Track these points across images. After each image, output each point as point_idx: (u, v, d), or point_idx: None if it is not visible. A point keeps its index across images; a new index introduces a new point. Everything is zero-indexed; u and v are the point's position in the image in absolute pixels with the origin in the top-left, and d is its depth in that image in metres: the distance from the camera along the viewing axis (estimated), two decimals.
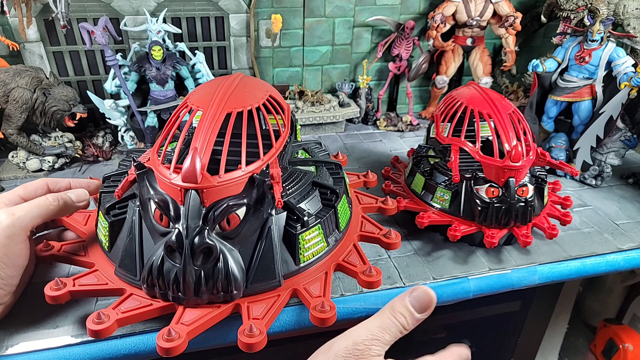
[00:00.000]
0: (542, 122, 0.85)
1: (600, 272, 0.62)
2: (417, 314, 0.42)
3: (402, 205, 0.63)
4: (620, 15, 0.84)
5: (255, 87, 0.51)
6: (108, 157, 0.88)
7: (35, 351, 0.46)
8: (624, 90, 0.72)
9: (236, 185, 0.43)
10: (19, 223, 0.46)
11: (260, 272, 0.45)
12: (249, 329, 0.40)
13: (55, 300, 0.44)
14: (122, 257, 0.46)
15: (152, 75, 0.81)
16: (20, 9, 0.76)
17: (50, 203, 0.49)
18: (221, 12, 0.92)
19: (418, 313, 0.42)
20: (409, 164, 0.71)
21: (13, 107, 0.76)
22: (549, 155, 0.62)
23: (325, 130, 1.02)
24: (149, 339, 0.47)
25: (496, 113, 0.59)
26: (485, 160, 0.58)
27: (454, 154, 0.61)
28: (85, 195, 0.54)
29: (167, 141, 0.47)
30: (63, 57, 0.90)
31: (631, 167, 0.86)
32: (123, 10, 0.87)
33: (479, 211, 0.58)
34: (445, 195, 0.61)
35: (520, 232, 0.58)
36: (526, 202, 0.58)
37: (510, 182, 0.57)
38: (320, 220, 0.49)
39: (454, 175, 0.59)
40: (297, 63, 1.04)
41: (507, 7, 0.96)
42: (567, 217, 0.63)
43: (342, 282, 0.55)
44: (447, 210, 0.61)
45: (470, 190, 0.59)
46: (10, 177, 0.81)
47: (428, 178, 0.64)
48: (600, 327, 1.19)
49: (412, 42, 1.02)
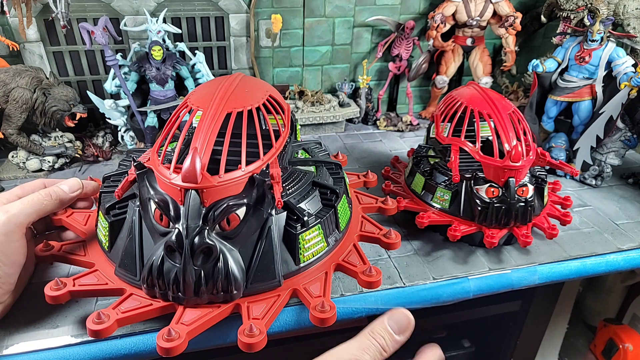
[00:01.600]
0: (542, 122, 0.85)
1: (600, 272, 0.62)
2: (396, 336, 0.43)
3: (402, 205, 0.63)
4: (620, 15, 0.84)
5: (255, 87, 0.51)
6: (108, 157, 0.88)
7: (35, 351, 0.46)
8: (624, 90, 0.72)
9: (236, 185, 0.43)
10: (14, 220, 0.46)
11: (260, 272, 0.45)
12: (249, 329, 0.40)
13: (55, 300, 0.44)
14: (122, 257, 0.46)
15: (152, 75, 0.81)
16: (20, 9, 0.76)
17: (44, 198, 0.49)
18: (221, 12, 0.92)
19: (397, 335, 0.43)
20: (409, 164, 0.71)
21: (13, 107, 0.76)
22: (549, 155, 0.62)
23: (325, 130, 1.02)
24: (149, 339, 0.47)
25: (496, 113, 0.59)
26: (485, 160, 0.58)
27: (454, 154, 0.61)
28: (78, 184, 0.54)
29: (167, 141, 0.47)
30: (63, 57, 0.90)
31: (631, 167, 0.86)
32: (123, 10, 0.87)
33: (479, 211, 0.58)
34: (445, 195, 0.61)
35: (520, 232, 0.58)
36: (526, 202, 0.58)
37: (510, 182, 0.57)
38: (320, 220, 0.49)
39: (454, 175, 0.59)
40: (297, 63, 1.04)
41: (507, 7, 0.96)
42: (567, 217, 0.63)
43: (342, 282, 0.55)
44: (447, 210, 0.61)
45: (470, 190, 0.59)
46: (10, 177, 0.81)
47: (428, 178, 0.64)
48: (600, 327, 1.19)
49: (412, 42, 1.03)
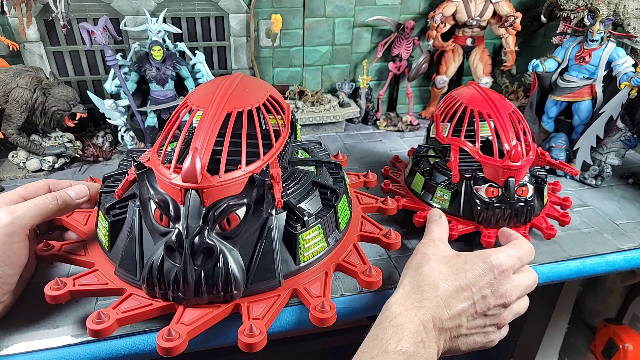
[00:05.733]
0: (542, 122, 0.85)
1: (600, 272, 0.62)
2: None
3: (401, 204, 0.63)
4: (620, 15, 0.84)
5: (255, 87, 0.51)
6: (108, 157, 0.88)
7: (35, 351, 0.46)
8: (624, 90, 0.72)
9: (236, 185, 0.43)
10: (18, 222, 0.46)
11: (260, 272, 0.45)
12: (249, 329, 0.40)
13: (55, 300, 0.44)
14: (122, 257, 0.46)
15: (152, 75, 0.81)
16: (20, 9, 0.76)
17: (50, 202, 0.49)
18: (221, 12, 0.92)
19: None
20: (409, 163, 0.71)
21: (13, 107, 0.76)
22: (549, 155, 0.62)
23: (325, 130, 1.02)
24: (149, 339, 0.47)
25: (496, 113, 0.59)
26: (485, 160, 0.58)
27: (453, 153, 0.61)
28: (84, 191, 0.54)
29: (167, 141, 0.47)
30: (63, 57, 0.90)
31: (631, 167, 0.86)
32: (123, 10, 0.87)
33: (479, 211, 0.58)
34: (445, 195, 0.61)
35: (519, 231, 0.58)
36: (526, 202, 0.58)
37: (510, 182, 0.57)
38: (320, 220, 0.49)
39: (453, 175, 0.60)
40: (297, 63, 1.04)
41: (507, 7, 0.96)
42: (565, 217, 0.63)
43: (342, 282, 0.55)
44: (446, 210, 0.61)
45: (470, 190, 0.59)
46: (10, 177, 0.81)
47: (428, 178, 0.64)
48: (600, 327, 1.19)
49: (412, 42, 1.03)
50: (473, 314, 0.45)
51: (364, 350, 0.40)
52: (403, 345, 0.40)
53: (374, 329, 0.42)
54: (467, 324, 0.45)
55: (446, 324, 0.43)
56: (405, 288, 0.45)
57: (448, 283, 0.45)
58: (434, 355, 0.42)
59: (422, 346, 0.40)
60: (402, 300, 0.44)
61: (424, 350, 0.41)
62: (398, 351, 0.39)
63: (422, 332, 0.41)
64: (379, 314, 0.44)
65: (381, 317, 0.43)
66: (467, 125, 0.62)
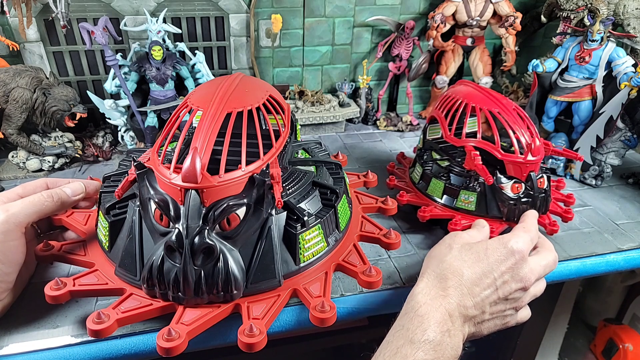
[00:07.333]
0: (542, 122, 0.85)
1: (600, 272, 0.62)
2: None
3: (405, 199, 0.63)
4: (620, 15, 0.84)
5: (255, 87, 0.51)
6: (108, 157, 0.88)
7: (35, 351, 0.46)
8: (624, 90, 0.72)
9: (236, 185, 0.43)
10: (13, 219, 0.46)
11: (260, 272, 0.45)
12: (249, 329, 0.40)
13: (55, 300, 0.44)
14: (122, 257, 0.46)
15: (152, 75, 0.81)
16: (20, 9, 0.76)
17: (45, 199, 0.49)
18: (221, 12, 0.92)
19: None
20: (414, 162, 0.71)
21: (13, 107, 0.76)
22: (552, 144, 0.63)
23: (325, 130, 1.02)
24: (149, 339, 0.47)
25: (505, 110, 0.60)
26: (507, 158, 0.58)
27: (474, 155, 0.59)
28: (80, 188, 0.54)
29: (167, 141, 0.47)
30: (63, 57, 0.90)
31: (631, 167, 0.86)
32: (123, 10, 0.87)
33: (508, 208, 0.58)
34: (470, 197, 0.60)
35: (543, 221, 0.59)
36: (545, 192, 0.59)
37: (532, 176, 0.57)
38: (320, 220, 0.49)
39: (486, 178, 0.58)
40: (297, 63, 1.04)
41: (507, 7, 0.96)
42: (569, 214, 0.63)
43: (342, 282, 0.55)
44: (473, 212, 0.60)
45: (496, 190, 0.59)
46: (10, 177, 0.81)
47: (447, 182, 0.62)
48: (600, 327, 1.19)
49: (412, 42, 1.02)
50: (496, 300, 0.45)
51: (390, 341, 0.40)
52: (429, 334, 0.40)
53: (399, 320, 0.42)
54: (490, 309, 0.45)
55: (470, 311, 0.44)
56: (430, 277, 0.46)
57: (472, 270, 0.45)
58: (459, 343, 0.42)
59: (448, 335, 0.41)
60: (427, 290, 0.44)
61: (450, 339, 0.41)
62: (424, 341, 0.39)
63: (447, 320, 0.42)
64: (404, 304, 0.44)
65: (406, 308, 0.43)
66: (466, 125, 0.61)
